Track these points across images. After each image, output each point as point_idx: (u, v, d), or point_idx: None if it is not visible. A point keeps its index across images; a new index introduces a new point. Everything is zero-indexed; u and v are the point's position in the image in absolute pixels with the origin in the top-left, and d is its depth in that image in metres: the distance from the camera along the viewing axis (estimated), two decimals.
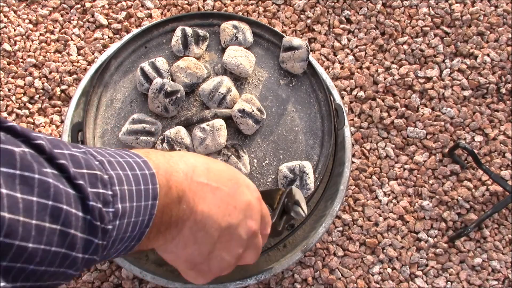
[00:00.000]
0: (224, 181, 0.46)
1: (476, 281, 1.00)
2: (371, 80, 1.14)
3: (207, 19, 0.86)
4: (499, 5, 1.22)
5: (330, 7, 1.20)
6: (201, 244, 0.45)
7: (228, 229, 0.46)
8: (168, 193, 0.40)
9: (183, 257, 0.46)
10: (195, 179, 0.43)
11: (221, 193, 0.45)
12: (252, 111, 0.75)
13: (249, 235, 0.48)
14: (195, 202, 0.42)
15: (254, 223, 0.49)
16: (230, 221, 0.45)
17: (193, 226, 0.43)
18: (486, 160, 1.09)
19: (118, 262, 0.83)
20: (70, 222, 0.32)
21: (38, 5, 1.19)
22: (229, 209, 0.46)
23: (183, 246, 0.44)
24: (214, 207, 0.44)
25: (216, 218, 0.44)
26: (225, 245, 0.46)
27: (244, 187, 0.49)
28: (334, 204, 0.88)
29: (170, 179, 0.40)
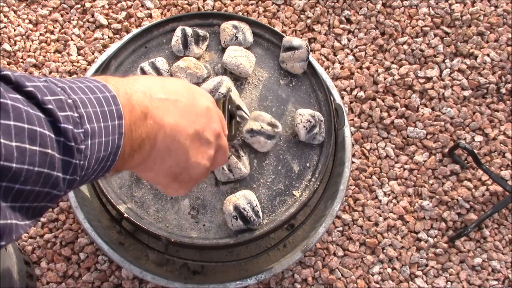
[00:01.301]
0: (181, 93, 0.49)
1: (476, 281, 1.00)
2: (371, 80, 1.14)
3: (207, 19, 0.86)
4: (499, 5, 1.22)
5: (330, 7, 1.20)
6: (176, 154, 0.48)
7: (197, 135, 0.49)
8: (132, 111, 0.41)
9: (163, 172, 0.49)
10: (154, 96, 0.45)
11: (181, 104, 0.48)
12: (261, 128, 0.75)
13: (215, 136, 0.52)
14: (160, 116, 0.45)
15: (217, 125, 0.53)
16: (196, 128, 0.49)
17: (164, 139, 0.46)
18: (486, 160, 1.09)
19: (118, 262, 0.83)
20: (46, 143, 0.33)
21: (38, 5, 1.19)
22: (192, 117, 0.49)
23: (160, 160, 0.47)
24: (179, 118, 0.47)
25: (183, 127, 0.47)
26: (197, 151, 0.50)
27: (199, 94, 0.52)
28: (334, 204, 0.88)
29: (131, 99, 0.42)
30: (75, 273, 0.97)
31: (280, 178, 0.77)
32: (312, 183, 0.77)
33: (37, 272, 0.97)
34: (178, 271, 0.91)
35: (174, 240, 0.72)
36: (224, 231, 0.74)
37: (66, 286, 0.96)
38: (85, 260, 0.98)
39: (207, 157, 0.52)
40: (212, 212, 0.75)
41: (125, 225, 0.80)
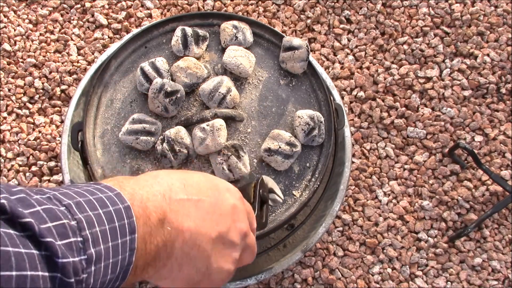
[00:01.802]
0: (204, 191, 0.45)
1: (476, 281, 1.00)
2: (371, 80, 1.14)
3: (207, 19, 0.86)
4: (499, 5, 1.22)
5: (330, 7, 1.20)
6: (196, 262, 0.43)
7: (220, 238, 0.44)
8: (147, 222, 0.38)
9: (180, 280, 0.44)
10: (174, 197, 0.41)
11: (204, 205, 0.44)
12: (279, 148, 0.75)
13: (241, 236, 0.47)
14: (179, 221, 0.41)
15: (243, 224, 0.48)
16: (219, 230, 0.44)
17: (183, 246, 0.41)
18: (486, 160, 1.09)
19: None
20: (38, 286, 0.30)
21: (38, 5, 1.19)
22: (215, 218, 0.44)
23: (178, 269, 0.42)
24: (200, 221, 0.43)
25: (205, 231, 0.43)
26: (221, 255, 0.45)
27: (225, 191, 0.48)
28: (334, 204, 0.88)
29: (146, 207, 0.38)
30: None
31: (280, 178, 0.77)
32: (312, 183, 0.77)
33: None
34: None
35: None
36: None
37: None
38: None
39: (231, 261, 0.46)
40: None
41: None
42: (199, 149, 0.74)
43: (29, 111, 1.09)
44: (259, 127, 0.79)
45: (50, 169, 1.04)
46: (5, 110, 1.09)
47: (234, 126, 0.79)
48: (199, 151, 0.74)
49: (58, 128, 1.08)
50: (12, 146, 1.05)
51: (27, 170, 1.04)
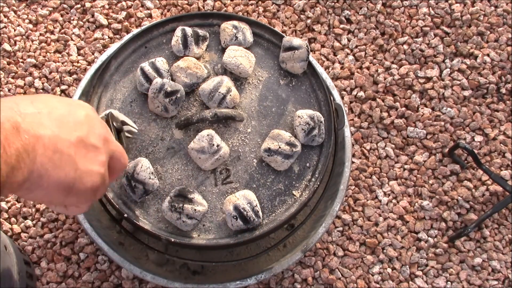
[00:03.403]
0: (54, 104, 0.47)
1: (476, 281, 1.00)
2: (371, 80, 1.14)
3: (207, 19, 0.86)
4: (499, 5, 1.22)
5: (330, 7, 1.20)
6: (62, 166, 0.45)
7: (81, 142, 0.47)
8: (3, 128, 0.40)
9: (53, 186, 0.46)
10: (23, 111, 0.43)
11: (55, 115, 0.46)
12: (279, 148, 0.74)
13: (102, 141, 0.50)
14: (34, 129, 0.43)
15: (102, 130, 0.51)
16: (78, 135, 0.47)
17: (45, 152, 0.43)
18: (486, 160, 1.09)
19: (118, 262, 0.83)
20: None
21: (38, 5, 1.19)
22: (71, 125, 0.47)
23: (46, 174, 0.44)
24: (56, 128, 0.45)
25: (63, 136, 0.45)
26: (86, 158, 0.48)
27: (75, 105, 0.51)
28: (334, 204, 0.88)
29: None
30: (75, 273, 0.97)
31: (280, 178, 0.77)
32: (312, 183, 0.77)
33: (37, 272, 0.97)
34: (178, 271, 0.91)
35: (174, 240, 0.72)
36: (224, 231, 0.74)
37: (66, 286, 0.96)
38: (85, 260, 0.98)
39: (98, 163, 0.49)
40: (212, 212, 0.75)
41: (125, 225, 0.80)
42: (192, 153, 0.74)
43: None
44: (259, 127, 0.79)
45: None
46: None
47: (234, 126, 0.79)
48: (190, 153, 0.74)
49: None
50: None
51: None
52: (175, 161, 0.77)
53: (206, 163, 0.74)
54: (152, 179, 0.73)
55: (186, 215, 0.71)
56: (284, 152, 0.75)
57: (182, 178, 0.76)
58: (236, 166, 0.77)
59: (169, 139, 0.78)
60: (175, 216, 0.71)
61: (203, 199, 0.73)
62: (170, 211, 0.71)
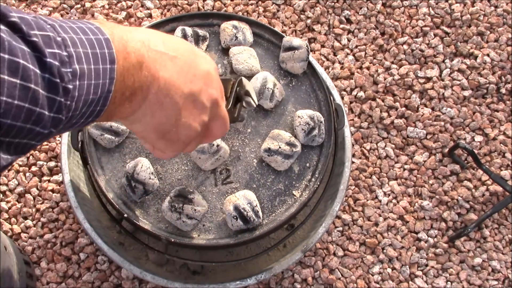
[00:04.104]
0: (182, 51, 0.47)
1: (476, 281, 1.00)
2: (371, 80, 1.14)
3: (207, 19, 0.86)
4: (499, 5, 1.22)
5: (330, 7, 1.20)
6: (167, 111, 0.46)
7: (191, 96, 0.47)
8: (127, 58, 0.40)
9: (151, 126, 0.47)
10: (153, 47, 0.44)
11: (179, 62, 0.46)
12: (279, 148, 0.75)
13: (211, 103, 0.50)
14: (156, 69, 0.43)
15: (215, 91, 0.51)
16: (192, 88, 0.47)
17: (157, 92, 0.44)
18: (486, 160, 1.09)
19: (118, 262, 0.83)
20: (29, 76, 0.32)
21: (38, 5, 1.19)
22: (189, 76, 0.47)
23: (151, 114, 0.46)
24: (175, 74, 0.46)
25: (178, 84, 0.46)
26: (190, 112, 0.48)
27: (201, 57, 0.50)
28: (334, 204, 0.88)
29: (126, 45, 0.41)
30: (75, 273, 0.97)
31: (280, 178, 0.77)
32: (312, 183, 0.77)
33: (37, 272, 0.97)
34: (178, 271, 0.91)
35: (174, 240, 0.72)
36: (224, 231, 0.74)
37: (66, 286, 0.96)
38: (85, 260, 0.98)
39: (199, 121, 0.50)
40: (212, 212, 0.75)
41: (125, 225, 0.80)
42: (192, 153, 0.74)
43: None
44: (259, 127, 0.79)
45: (50, 169, 1.04)
46: None
47: (234, 126, 0.79)
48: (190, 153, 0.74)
49: None
50: None
51: (27, 170, 1.04)
52: (175, 161, 0.77)
53: (206, 163, 0.74)
54: (152, 179, 0.73)
55: (186, 215, 0.71)
56: (284, 152, 0.75)
57: (182, 178, 0.76)
58: (236, 166, 0.77)
59: None
60: (175, 216, 0.71)
61: (203, 199, 0.73)
62: (170, 211, 0.71)
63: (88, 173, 0.80)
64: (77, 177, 0.91)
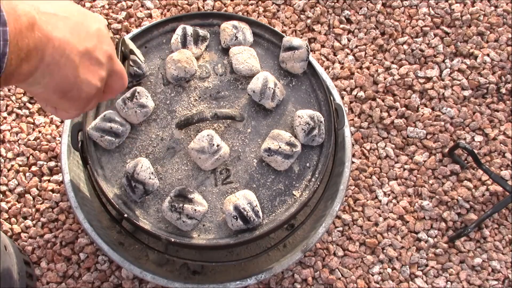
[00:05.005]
0: (71, 11, 0.49)
1: (476, 281, 1.00)
2: (371, 80, 1.14)
3: (207, 19, 0.86)
4: (499, 5, 1.22)
5: (330, 7, 1.20)
6: (65, 70, 0.48)
7: (87, 53, 0.49)
8: (18, 20, 0.41)
9: (51, 86, 0.48)
10: (42, 10, 0.45)
11: (71, 22, 0.48)
12: (279, 148, 0.75)
13: (107, 58, 0.52)
14: (48, 29, 0.44)
15: (109, 47, 0.53)
16: (86, 46, 0.49)
17: (53, 52, 0.45)
18: (486, 160, 1.09)
19: (118, 262, 0.83)
20: None
21: None
22: (82, 35, 0.49)
23: (49, 74, 0.47)
24: (68, 34, 0.47)
25: (72, 43, 0.47)
26: (88, 69, 0.50)
27: (91, 16, 0.52)
28: (334, 204, 0.88)
29: (16, 8, 0.41)
30: (75, 273, 0.97)
31: (280, 178, 0.77)
32: (312, 183, 0.77)
33: (37, 272, 0.97)
34: (178, 271, 0.91)
35: (174, 240, 0.72)
36: (224, 231, 0.74)
37: (66, 286, 0.96)
38: (85, 260, 0.98)
39: (98, 77, 0.52)
40: (212, 212, 0.75)
41: (125, 225, 0.80)
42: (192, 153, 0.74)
43: (29, 111, 1.09)
44: (259, 127, 0.79)
45: (50, 169, 1.04)
46: (5, 110, 1.09)
47: (234, 126, 0.79)
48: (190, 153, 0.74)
49: (58, 128, 1.08)
50: (12, 146, 1.05)
51: (27, 170, 1.04)
52: (175, 161, 0.77)
53: (206, 163, 0.74)
54: (152, 179, 0.73)
55: (186, 215, 0.71)
56: (284, 152, 0.75)
57: (182, 178, 0.76)
58: (236, 166, 0.77)
59: (169, 139, 0.78)
60: (175, 216, 0.71)
61: (203, 199, 0.73)
62: (170, 211, 0.71)
63: (88, 173, 0.79)
64: (77, 177, 0.91)
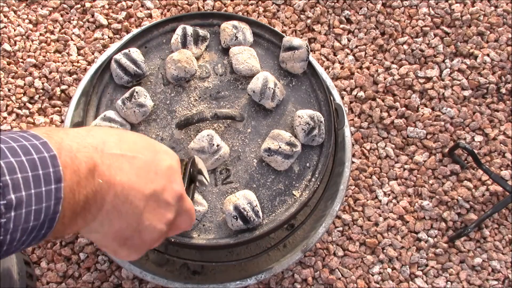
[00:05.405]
0: (140, 149, 0.44)
1: (476, 281, 1.00)
2: (371, 80, 1.14)
3: (207, 19, 0.86)
4: (499, 5, 1.22)
5: (330, 7, 1.20)
6: (127, 217, 0.42)
7: (154, 196, 0.44)
8: (77, 171, 0.37)
9: (110, 235, 0.43)
10: (107, 151, 0.40)
11: (138, 162, 0.43)
12: (279, 148, 0.74)
13: (176, 199, 0.47)
14: (111, 174, 0.40)
15: (179, 186, 0.48)
16: (154, 188, 0.44)
17: (114, 200, 0.41)
18: (486, 160, 1.09)
19: (118, 262, 0.83)
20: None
21: (38, 5, 1.19)
22: (150, 176, 0.44)
23: (108, 223, 0.42)
24: (134, 176, 0.42)
25: (138, 186, 0.42)
26: (154, 214, 0.44)
27: (162, 153, 0.47)
28: (334, 204, 0.88)
29: (75, 157, 0.37)
30: (75, 273, 0.97)
31: (280, 178, 0.77)
32: (312, 183, 0.77)
33: (37, 272, 0.97)
34: (178, 271, 0.91)
35: (174, 240, 0.72)
36: (224, 231, 0.74)
37: (66, 286, 0.96)
38: (85, 260, 0.98)
39: (164, 221, 0.46)
40: (212, 212, 0.75)
41: None
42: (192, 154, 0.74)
43: (29, 111, 1.09)
44: (259, 127, 0.79)
45: None
46: (5, 110, 1.09)
47: (234, 126, 0.79)
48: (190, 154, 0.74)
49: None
50: None
51: None
52: None
53: (206, 163, 0.74)
54: None
55: None
56: (284, 152, 0.75)
57: None
58: (236, 166, 0.77)
59: (169, 139, 0.78)
60: None
61: (203, 199, 0.73)
62: None
63: None
64: None
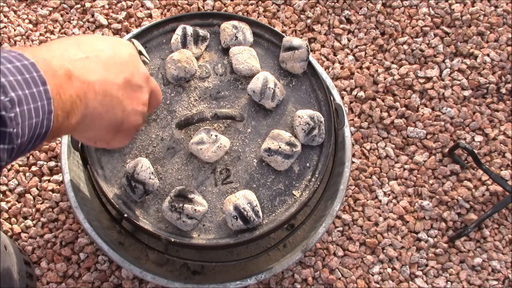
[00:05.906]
0: (100, 47, 0.49)
1: (476, 281, 1.00)
2: (371, 80, 1.14)
3: (207, 19, 0.86)
4: (499, 5, 1.22)
5: (330, 7, 1.20)
6: (112, 109, 0.49)
7: (127, 84, 0.50)
8: (55, 75, 0.42)
9: (104, 127, 0.50)
10: (73, 57, 0.45)
11: (102, 58, 0.48)
12: (279, 148, 0.74)
13: (145, 80, 0.54)
14: (84, 75, 0.45)
15: (143, 68, 0.54)
16: (124, 76, 0.50)
17: (96, 97, 0.46)
18: (486, 160, 1.09)
19: (118, 262, 0.83)
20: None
21: (38, 5, 1.19)
22: (117, 67, 0.50)
23: (98, 117, 0.48)
24: (104, 72, 0.48)
25: (111, 80, 0.48)
26: (132, 99, 0.51)
27: (118, 44, 0.53)
28: (334, 204, 0.88)
29: (50, 64, 0.42)
30: (75, 273, 0.97)
31: (280, 178, 0.77)
32: (312, 183, 0.77)
33: (37, 272, 0.97)
34: (178, 271, 0.91)
35: (174, 240, 0.72)
36: (224, 231, 0.74)
37: (66, 286, 0.96)
38: (85, 260, 0.98)
39: (142, 102, 0.53)
40: (212, 212, 0.75)
41: (125, 225, 0.80)
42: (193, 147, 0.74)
43: None
44: (259, 127, 0.79)
45: (50, 169, 1.04)
46: None
47: (234, 126, 0.79)
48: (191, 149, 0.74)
49: None
50: None
51: (27, 170, 1.04)
52: (175, 161, 0.77)
53: (208, 152, 0.74)
54: (152, 179, 0.73)
55: (186, 215, 0.71)
56: (284, 152, 0.75)
57: (182, 178, 0.76)
58: (236, 166, 0.77)
59: (169, 139, 0.78)
60: (175, 216, 0.71)
61: (203, 199, 0.73)
62: (170, 211, 0.71)
63: (88, 173, 0.79)
64: (77, 177, 0.91)
